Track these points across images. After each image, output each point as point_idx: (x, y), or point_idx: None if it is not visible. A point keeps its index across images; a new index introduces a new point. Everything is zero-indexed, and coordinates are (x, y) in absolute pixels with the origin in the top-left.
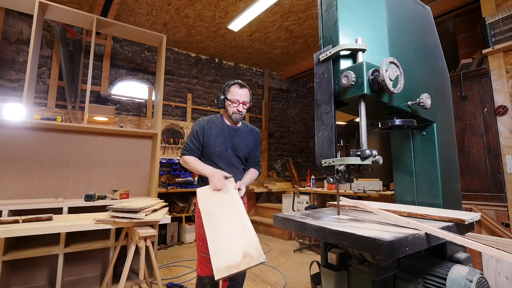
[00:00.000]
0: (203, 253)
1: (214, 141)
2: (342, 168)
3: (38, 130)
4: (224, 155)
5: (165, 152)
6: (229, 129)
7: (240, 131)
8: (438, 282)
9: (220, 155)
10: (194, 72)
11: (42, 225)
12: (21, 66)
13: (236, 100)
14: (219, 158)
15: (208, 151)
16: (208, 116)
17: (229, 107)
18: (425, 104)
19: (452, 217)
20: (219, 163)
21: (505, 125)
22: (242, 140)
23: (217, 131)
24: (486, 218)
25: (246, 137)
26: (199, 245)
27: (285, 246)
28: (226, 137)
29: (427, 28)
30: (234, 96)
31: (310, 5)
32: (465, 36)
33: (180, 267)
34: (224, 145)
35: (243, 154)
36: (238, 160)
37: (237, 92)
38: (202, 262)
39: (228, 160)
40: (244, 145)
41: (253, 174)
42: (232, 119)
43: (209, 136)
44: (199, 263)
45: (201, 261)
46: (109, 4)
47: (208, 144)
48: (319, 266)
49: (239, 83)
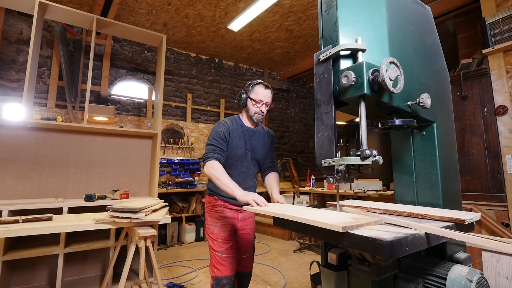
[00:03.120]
0: (220, 253)
1: (237, 144)
2: (342, 168)
3: (38, 130)
4: (245, 158)
5: (165, 152)
6: (248, 131)
7: (258, 133)
8: (438, 282)
9: (242, 159)
10: (194, 72)
11: (42, 225)
12: (21, 66)
13: (260, 100)
14: (240, 161)
15: (230, 153)
16: (228, 118)
17: (252, 107)
18: (425, 104)
19: (452, 217)
20: (239, 166)
21: (505, 125)
22: (260, 142)
23: (238, 133)
24: (486, 218)
25: (263, 139)
26: (214, 244)
27: (285, 246)
28: (246, 139)
29: (427, 28)
30: (258, 96)
31: (310, 5)
32: (465, 36)
33: (180, 267)
34: (245, 147)
35: (261, 156)
36: (255, 163)
37: (262, 92)
38: (218, 262)
39: (248, 163)
40: (262, 147)
41: (277, 177)
42: (253, 119)
43: (233, 138)
44: (215, 264)
45: (217, 261)
46: (109, 4)
47: (231, 147)
48: (319, 266)
49: (264, 84)
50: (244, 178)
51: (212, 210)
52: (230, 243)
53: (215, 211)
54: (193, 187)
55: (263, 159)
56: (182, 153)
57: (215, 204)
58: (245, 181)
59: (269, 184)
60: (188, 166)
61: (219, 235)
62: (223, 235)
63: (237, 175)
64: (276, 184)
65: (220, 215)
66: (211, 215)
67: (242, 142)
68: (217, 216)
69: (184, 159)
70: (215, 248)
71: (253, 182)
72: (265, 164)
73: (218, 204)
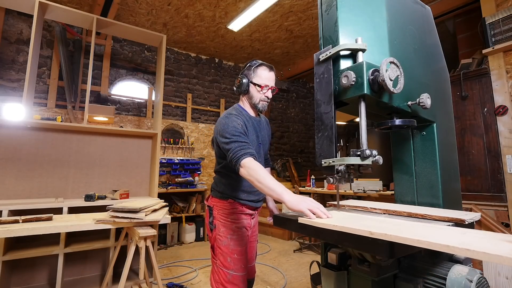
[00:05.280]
0: (234, 271)
1: (252, 139)
2: (342, 168)
3: (38, 130)
4: (259, 153)
5: (165, 152)
6: (256, 122)
7: (262, 123)
8: (438, 282)
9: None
10: (194, 72)
11: (42, 225)
12: (21, 66)
13: (265, 85)
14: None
15: None
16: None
17: (256, 94)
18: (425, 104)
19: (452, 217)
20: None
21: (505, 125)
22: (266, 133)
23: (249, 125)
24: (486, 218)
25: (266, 129)
26: (226, 261)
27: (285, 246)
28: (257, 131)
29: (427, 28)
30: (263, 81)
31: (310, 5)
32: (465, 36)
33: (180, 267)
34: (258, 141)
35: (267, 148)
36: (263, 158)
37: (266, 75)
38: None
39: (261, 159)
40: (267, 138)
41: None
42: (258, 107)
43: (248, 133)
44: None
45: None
46: (109, 4)
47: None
48: (319, 266)
49: (267, 65)
50: None
51: (227, 219)
52: (245, 259)
53: (231, 220)
54: (193, 187)
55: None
56: (182, 153)
57: (231, 210)
58: None
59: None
60: (188, 166)
61: (235, 249)
62: (239, 249)
63: None
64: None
65: (237, 226)
66: (226, 224)
67: (255, 136)
68: (233, 227)
69: (184, 159)
70: (228, 266)
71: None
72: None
73: (235, 210)
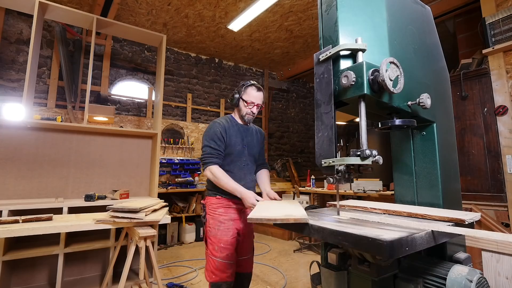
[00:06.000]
0: (221, 259)
1: (235, 140)
2: (342, 168)
3: (38, 130)
4: (243, 154)
5: (165, 152)
6: (242, 128)
7: (251, 130)
8: (438, 282)
9: (240, 154)
10: (194, 72)
11: (42, 225)
12: (21, 66)
13: (251, 102)
14: (239, 157)
15: (229, 150)
16: (221, 118)
17: (243, 108)
18: (425, 104)
19: (452, 217)
20: (238, 162)
21: (505, 125)
22: (254, 138)
23: (235, 130)
24: (486, 218)
25: (255, 136)
26: (214, 249)
27: (285, 246)
28: (243, 136)
29: (427, 28)
30: (250, 98)
31: (310, 5)
32: (465, 36)
33: (180, 267)
34: (242, 143)
35: (256, 152)
36: (252, 159)
37: (253, 94)
38: (218, 268)
39: (246, 158)
40: (256, 143)
41: (267, 173)
42: (244, 119)
43: (230, 135)
44: (213, 269)
45: (216, 267)
46: (109, 4)
47: (230, 144)
48: (319, 266)
49: (256, 86)
50: (245, 173)
51: (215, 212)
52: (232, 249)
53: (218, 213)
54: (193, 187)
55: (257, 155)
56: (182, 153)
57: (218, 204)
58: (246, 176)
59: (260, 180)
60: (188, 166)
61: (222, 239)
62: (226, 239)
63: (238, 171)
64: (267, 180)
65: (224, 218)
66: (214, 217)
67: (239, 139)
68: (220, 219)
69: (184, 159)
70: (216, 253)
71: (253, 177)
72: (257, 161)
73: (221, 204)
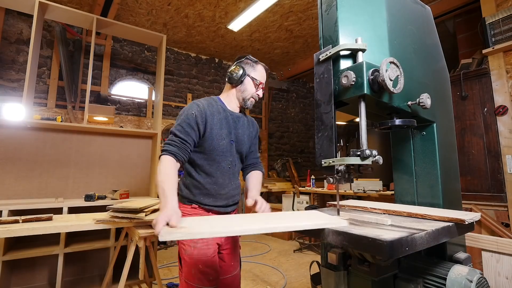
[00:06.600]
0: (198, 285)
1: (218, 132)
2: (342, 168)
3: (38, 130)
4: (229, 152)
5: None
6: (232, 116)
7: (242, 121)
8: (438, 282)
9: (226, 152)
10: (194, 72)
11: (42, 225)
12: (21, 66)
13: (261, 82)
14: (224, 156)
15: (210, 145)
16: (205, 99)
17: (251, 88)
18: (425, 104)
19: (452, 217)
20: (223, 163)
21: (505, 125)
22: (245, 132)
23: (219, 118)
24: (486, 218)
25: (248, 129)
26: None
27: (285, 246)
28: (231, 127)
29: (427, 28)
30: (260, 78)
31: (310, 5)
32: (465, 36)
33: None
34: (229, 137)
35: (245, 149)
36: (239, 158)
37: (263, 74)
38: None
39: (233, 158)
40: (247, 138)
41: (259, 177)
42: (246, 104)
43: (212, 125)
44: None
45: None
46: (109, 4)
47: (211, 137)
48: (319, 266)
49: (263, 64)
50: (230, 178)
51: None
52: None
53: None
54: None
55: (247, 153)
56: None
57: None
58: (231, 182)
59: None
60: None
61: (200, 259)
62: (204, 260)
63: (220, 175)
64: (258, 185)
65: None
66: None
67: (225, 131)
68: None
69: None
70: (192, 279)
71: (237, 183)
72: (249, 160)
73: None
